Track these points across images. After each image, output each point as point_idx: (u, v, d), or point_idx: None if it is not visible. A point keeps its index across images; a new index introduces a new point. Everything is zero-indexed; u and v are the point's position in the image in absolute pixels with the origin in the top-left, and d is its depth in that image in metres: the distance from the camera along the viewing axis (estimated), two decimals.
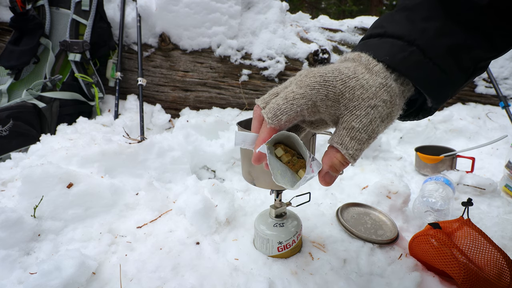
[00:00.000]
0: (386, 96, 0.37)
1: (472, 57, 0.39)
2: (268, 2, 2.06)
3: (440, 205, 0.92)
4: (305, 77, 0.39)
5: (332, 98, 0.38)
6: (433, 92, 0.39)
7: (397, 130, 1.87)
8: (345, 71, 0.38)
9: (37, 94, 1.51)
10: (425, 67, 0.37)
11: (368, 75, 0.38)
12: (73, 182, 0.90)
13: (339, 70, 0.39)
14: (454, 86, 0.40)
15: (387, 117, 0.38)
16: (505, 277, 0.65)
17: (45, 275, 0.63)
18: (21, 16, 1.49)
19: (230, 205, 0.93)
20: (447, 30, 0.38)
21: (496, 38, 0.38)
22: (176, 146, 1.24)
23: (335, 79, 0.38)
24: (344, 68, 0.39)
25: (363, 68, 0.39)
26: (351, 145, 0.38)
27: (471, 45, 0.38)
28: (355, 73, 0.38)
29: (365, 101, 0.37)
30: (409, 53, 0.37)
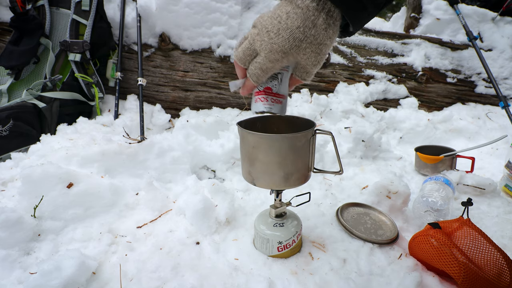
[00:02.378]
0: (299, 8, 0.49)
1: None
2: (268, 2, 2.06)
3: (440, 205, 0.92)
4: (270, 51, 0.52)
5: (292, 59, 0.54)
6: (356, 20, 0.51)
7: (397, 130, 1.87)
8: (297, 35, 0.49)
9: (37, 94, 1.51)
10: (351, 1, 0.48)
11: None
12: (73, 182, 0.90)
13: (292, 34, 0.50)
14: (369, 16, 0.52)
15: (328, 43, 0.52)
16: (505, 277, 0.65)
17: (45, 275, 0.63)
18: (21, 16, 1.49)
19: (230, 205, 0.93)
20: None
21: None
22: (176, 146, 1.24)
23: (291, 48, 0.51)
24: (293, 26, 0.49)
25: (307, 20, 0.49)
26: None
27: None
28: (304, 32, 0.49)
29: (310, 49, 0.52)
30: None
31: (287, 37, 0.49)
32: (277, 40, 0.50)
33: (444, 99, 2.17)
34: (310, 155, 0.72)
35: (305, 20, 0.48)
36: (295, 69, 0.59)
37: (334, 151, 0.78)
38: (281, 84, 0.60)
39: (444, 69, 2.15)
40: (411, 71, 2.13)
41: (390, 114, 1.88)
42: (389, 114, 1.89)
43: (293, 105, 1.77)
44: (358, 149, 1.46)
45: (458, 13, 2.12)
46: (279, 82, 0.60)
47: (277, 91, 0.60)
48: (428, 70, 2.13)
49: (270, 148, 0.67)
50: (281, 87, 0.60)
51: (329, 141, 1.40)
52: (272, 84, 0.60)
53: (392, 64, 2.13)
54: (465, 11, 2.31)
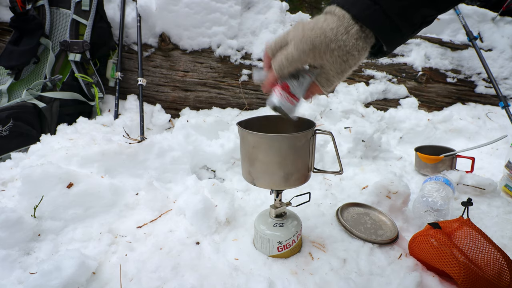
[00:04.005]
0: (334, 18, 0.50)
1: (420, 15, 0.50)
2: (268, 2, 2.06)
3: (440, 205, 0.92)
4: (300, 41, 0.52)
5: (318, 57, 0.53)
6: (389, 40, 0.52)
7: (397, 130, 1.87)
8: (329, 34, 0.50)
9: (37, 94, 1.51)
10: (384, 22, 0.49)
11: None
12: (73, 182, 0.90)
13: (324, 33, 0.51)
14: (403, 37, 0.53)
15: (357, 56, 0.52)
16: (505, 276, 0.65)
17: (45, 275, 0.63)
18: (21, 16, 1.49)
19: (230, 205, 0.93)
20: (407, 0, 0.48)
21: (440, 1, 0.50)
22: (176, 146, 1.24)
23: (321, 44, 0.51)
24: (327, 27, 0.51)
25: (341, 26, 0.50)
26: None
27: (419, 5, 0.49)
28: (336, 35, 0.50)
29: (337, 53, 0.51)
30: (373, 11, 0.49)
31: (319, 33, 0.51)
32: (309, 33, 0.51)
33: (444, 99, 2.17)
34: (310, 155, 0.72)
35: (339, 26, 0.50)
36: (318, 76, 0.58)
37: (334, 151, 0.78)
38: (300, 86, 0.59)
39: (444, 69, 2.15)
40: (411, 71, 2.13)
41: (390, 114, 1.88)
42: (389, 114, 1.89)
43: None
44: (358, 149, 1.46)
45: (458, 13, 2.12)
46: (299, 84, 0.59)
47: (293, 91, 0.59)
48: (428, 70, 2.13)
49: (270, 148, 0.67)
50: (298, 89, 0.59)
51: (329, 141, 1.40)
52: (292, 83, 0.59)
53: (392, 64, 2.13)
54: (465, 11, 2.31)
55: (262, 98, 1.96)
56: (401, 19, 0.49)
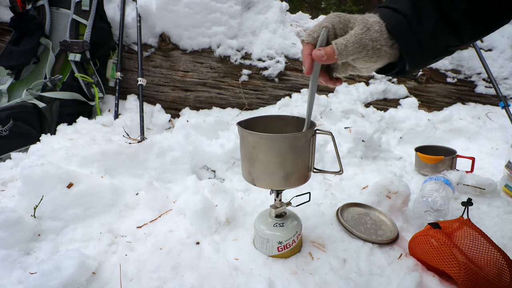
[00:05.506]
0: (377, 27, 0.54)
1: (444, 42, 0.56)
2: (268, 2, 2.06)
3: (440, 205, 0.92)
4: (328, 15, 0.60)
5: (343, 22, 0.58)
6: (412, 60, 0.57)
7: (397, 130, 1.87)
8: (355, 15, 0.58)
9: (37, 94, 1.51)
10: (412, 42, 0.55)
11: (370, 18, 0.56)
12: (73, 182, 0.90)
13: (350, 14, 0.58)
14: (426, 60, 0.58)
15: (374, 41, 0.54)
16: (505, 277, 0.65)
17: (45, 275, 0.63)
18: (21, 16, 1.49)
19: (230, 205, 0.93)
20: (436, 24, 0.53)
21: (464, 32, 0.55)
22: (176, 146, 1.24)
23: (345, 15, 0.58)
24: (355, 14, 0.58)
25: (368, 17, 0.56)
26: (339, 41, 0.55)
27: (447, 34, 0.55)
28: (361, 15, 0.57)
29: (362, 22, 0.55)
30: (406, 29, 0.54)
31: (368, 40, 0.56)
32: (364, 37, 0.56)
33: (444, 99, 2.17)
34: (310, 155, 0.72)
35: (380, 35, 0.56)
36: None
37: (334, 151, 0.78)
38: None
39: (444, 69, 2.15)
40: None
41: (390, 114, 1.88)
42: (389, 114, 1.89)
43: (293, 105, 1.77)
44: (358, 149, 1.46)
45: None
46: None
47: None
48: (428, 70, 2.13)
49: (270, 148, 0.67)
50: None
51: (329, 141, 1.40)
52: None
53: None
54: None
55: (262, 98, 1.96)
56: (428, 40, 0.54)
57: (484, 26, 0.54)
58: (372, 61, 0.56)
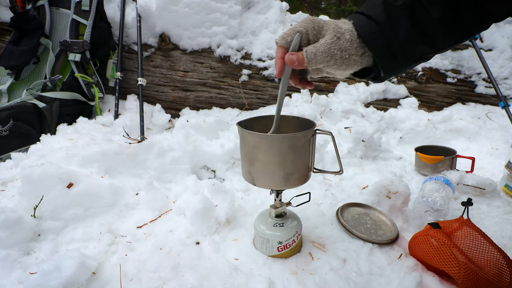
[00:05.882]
0: (348, 36, 0.55)
1: (417, 50, 0.56)
2: (268, 2, 2.06)
3: (440, 205, 0.92)
4: (303, 19, 0.60)
5: (317, 28, 0.58)
6: (386, 67, 0.57)
7: (397, 130, 1.87)
8: (329, 20, 0.58)
9: (37, 94, 1.51)
10: (384, 50, 0.55)
11: (343, 25, 0.56)
12: (73, 182, 0.90)
13: (324, 19, 0.59)
14: (400, 67, 0.58)
15: (343, 51, 0.55)
16: (505, 277, 0.65)
17: (45, 275, 0.63)
18: (21, 16, 1.49)
19: (230, 205, 0.93)
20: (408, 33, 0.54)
21: (438, 41, 0.55)
22: (176, 146, 1.24)
23: (320, 21, 0.58)
24: (329, 20, 0.59)
25: (342, 23, 0.57)
26: (309, 49, 0.56)
27: (420, 43, 0.55)
28: (335, 22, 0.57)
29: (334, 30, 0.55)
30: (378, 37, 0.54)
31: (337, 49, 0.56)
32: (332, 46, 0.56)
33: (444, 99, 2.17)
34: (310, 155, 0.72)
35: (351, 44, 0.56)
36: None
37: (334, 151, 0.78)
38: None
39: (444, 69, 2.15)
40: (411, 71, 2.12)
41: (390, 114, 1.88)
42: (389, 114, 1.89)
43: (293, 105, 1.77)
44: (358, 149, 1.46)
45: None
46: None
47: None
48: (428, 70, 2.13)
49: (270, 148, 0.67)
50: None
51: (329, 141, 1.40)
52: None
53: None
54: None
55: (262, 98, 1.96)
56: (401, 49, 0.55)
57: (460, 34, 0.54)
58: (342, 69, 0.57)
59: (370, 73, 0.61)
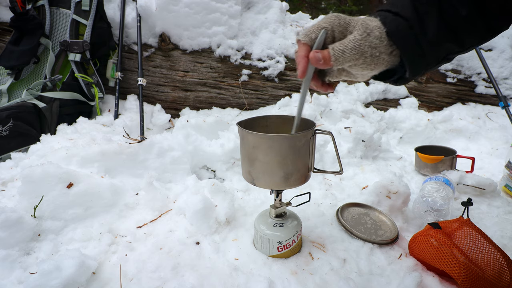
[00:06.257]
0: (377, 33, 0.52)
1: (445, 49, 0.54)
2: (268, 2, 2.06)
3: (440, 205, 0.92)
4: (327, 15, 0.57)
5: (343, 24, 0.55)
6: (413, 67, 0.54)
7: (397, 130, 1.87)
8: (355, 17, 0.55)
9: (37, 94, 1.51)
10: (413, 48, 0.53)
11: (370, 22, 0.53)
12: (73, 182, 0.90)
13: (350, 16, 0.56)
14: (428, 67, 0.56)
15: (373, 48, 0.52)
16: (505, 277, 0.65)
17: (45, 275, 0.63)
18: (21, 16, 1.49)
19: (230, 205, 0.93)
20: (437, 30, 0.52)
21: (465, 39, 0.53)
22: (176, 146, 1.24)
23: (345, 17, 0.55)
24: (354, 17, 0.56)
25: (369, 20, 0.54)
26: (337, 46, 0.53)
27: (448, 41, 0.53)
28: (362, 18, 0.54)
29: (363, 26, 0.52)
30: (407, 34, 0.52)
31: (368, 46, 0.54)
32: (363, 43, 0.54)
33: (444, 99, 2.17)
34: (310, 155, 0.72)
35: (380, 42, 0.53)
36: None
37: (334, 151, 0.78)
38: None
39: (444, 69, 2.15)
40: None
41: (390, 114, 1.88)
42: (389, 114, 1.89)
43: (293, 105, 1.77)
44: (358, 149, 1.46)
45: None
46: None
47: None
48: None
49: (270, 148, 0.67)
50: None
51: (329, 141, 1.40)
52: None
53: None
54: None
55: (262, 98, 1.96)
56: (429, 47, 0.52)
57: (486, 32, 0.53)
58: (370, 68, 0.54)
59: (394, 75, 0.58)
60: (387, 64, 0.54)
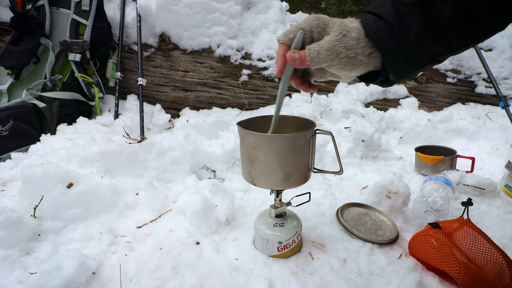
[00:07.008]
0: (354, 34, 0.52)
1: (429, 51, 0.52)
2: (268, 2, 2.06)
3: (440, 205, 0.92)
4: (308, 16, 0.57)
5: (321, 25, 0.55)
6: (395, 69, 0.54)
7: (397, 130, 1.87)
8: (335, 19, 0.55)
9: (37, 94, 1.51)
10: (394, 50, 0.52)
11: (350, 23, 0.53)
12: (73, 182, 0.90)
13: (330, 17, 0.56)
14: (411, 69, 0.55)
15: (348, 49, 0.52)
16: (505, 277, 0.65)
17: (45, 275, 0.63)
18: (21, 16, 1.49)
19: (230, 205, 0.93)
20: (419, 30, 0.50)
21: (451, 41, 0.51)
22: (176, 146, 1.24)
23: (325, 18, 0.56)
24: (335, 18, 0.56)
25: (349, 22, 0.54)
26: (312, 47, 0.53)
27: (432, 43, 0.51)
28: (341, 20, 0.54)
29: (339, 28, 0.52)
30: (387, 36, 0.51)
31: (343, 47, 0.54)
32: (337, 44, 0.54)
33: (444, 99, 2.17)
34: (310, 155, 0.72)
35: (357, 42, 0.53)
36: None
37: (334, 151, 0.78)
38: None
39: (444, 69, 2.15)
40: None
41: (390, 114, 1.88)
42: (389, 114, 1.89)
43: (293, 105, 1.77)
44: (358, 149, 1.46)
45: None
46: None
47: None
48: (428, 70, 2.13)
49: (270, 148, 0.67)
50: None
51: (329, 141, 1.40)
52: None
53: None
54: None
55: (262, 98, 1.96)
56: (411, 49, 0.51)
57: (475, 34, 0.51)
58: (347, 69, 0.54)
59: (378, 77, 0.58)
60: (367, 65, 0.54)
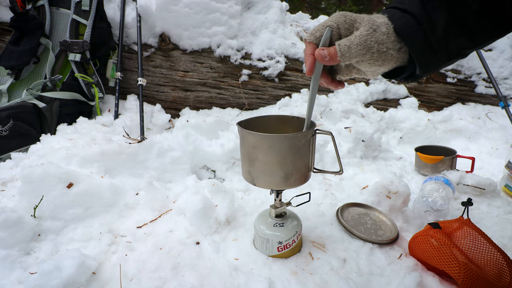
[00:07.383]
0: (384, 29, 0.52)
1: (456, 44, 0.53)
2: (268, 2, 2.06)
3: (440, 205, 0.92)
4: (334, 14, 0.57)
5: (349, 22, 0.55)
6: (423, 64, 0.54)
7: (397, 130, 1.87)
8: (361, 14, 0.55)
9: (37, 94, 1.51)
10: (422, 44, 0.52)
11: (377, 19, 0.53)
12: (73, 182, 0.90)
13: (357, 14, 0.56)
14: (439, 63, 0.55)
15: (380, 44, 0.52)
16: (505, 277, 0.65)
17: (45, 275, 0.63)
18: (21, 16, 1.49)
19: (230, 205, 0.93)
20: (446, 26, 0.51)
21: (477, 34, 0.52)
22: (176, 146, 1.24)
23: (352, 14, 0.55)
24: (360, 14, 0.56)
25: (376, 17, 0.54)
26: (343, 42, 0.53)
27: (458, 37, 0.52)
28: (368, 15, 0.54)
29: (369, 23, 0.52)
30: (415, 30, 0.51)
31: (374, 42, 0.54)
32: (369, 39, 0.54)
33: (444, 99, 2.17)
34: (310, 155, 0.72)
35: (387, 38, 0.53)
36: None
37: (334, 151, 0.78)
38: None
39: (444, 69, 2.15)
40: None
41: (390, 114, 1.88)
42: (389, 114, 1.89)
43: (293, 105, 1.77)
44: (358, 149, 1.46)
45: None
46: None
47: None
48: None
49: (270, 148, 0.67)
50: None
51: (329, 141, 1.40)
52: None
53: None
54: None
55: (262, 98, 1.96)
56: (439, 43, 0.51)
57: (500, 27, 0.51)
58: (377, 64, 0.54)
59: (404, 72, 0.58)
60: (396, 60, 0.54)
